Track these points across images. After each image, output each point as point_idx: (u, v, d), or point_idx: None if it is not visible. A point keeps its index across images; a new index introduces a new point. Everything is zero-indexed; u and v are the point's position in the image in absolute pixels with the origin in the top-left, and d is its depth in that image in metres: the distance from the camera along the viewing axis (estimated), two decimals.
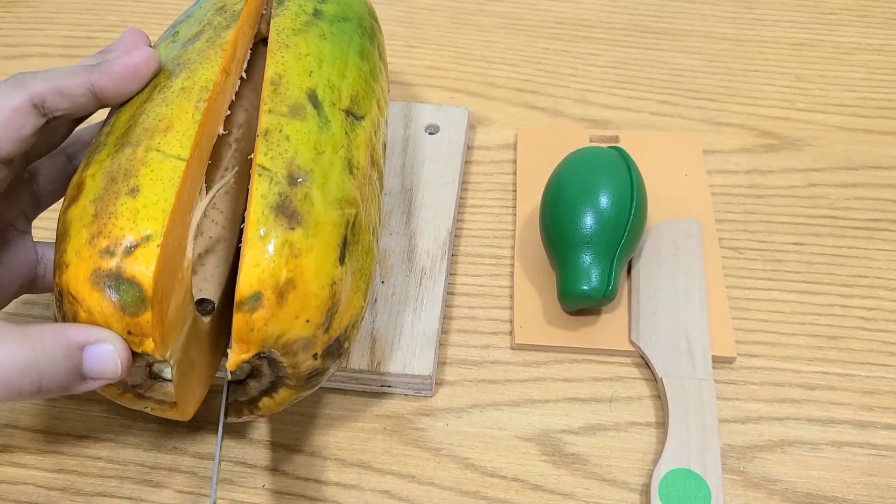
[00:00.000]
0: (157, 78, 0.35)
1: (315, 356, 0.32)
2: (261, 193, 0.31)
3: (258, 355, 0.31)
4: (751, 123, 0.53)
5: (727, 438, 0.38)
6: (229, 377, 0.32)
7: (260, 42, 0.46)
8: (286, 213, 0.31)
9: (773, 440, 0.38)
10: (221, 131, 0.35)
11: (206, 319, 0.35)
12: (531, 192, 0.47)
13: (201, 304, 0.36)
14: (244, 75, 0.38)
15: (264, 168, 0.31)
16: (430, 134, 0.49)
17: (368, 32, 0.42)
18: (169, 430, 0.38)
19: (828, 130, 0.52)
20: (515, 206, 0.47)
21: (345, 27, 0.40)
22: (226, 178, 0.36)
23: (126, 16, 0.62)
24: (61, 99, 0.32)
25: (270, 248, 0.30)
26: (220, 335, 0.37)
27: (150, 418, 0.39)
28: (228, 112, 0.36)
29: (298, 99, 0.35)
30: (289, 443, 0.38)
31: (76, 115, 0.34)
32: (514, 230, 0.46)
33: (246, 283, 0.29)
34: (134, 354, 0.29)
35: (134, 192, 0.30)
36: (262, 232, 0.30)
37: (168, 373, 0.30)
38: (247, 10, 0.39)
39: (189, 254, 0.31)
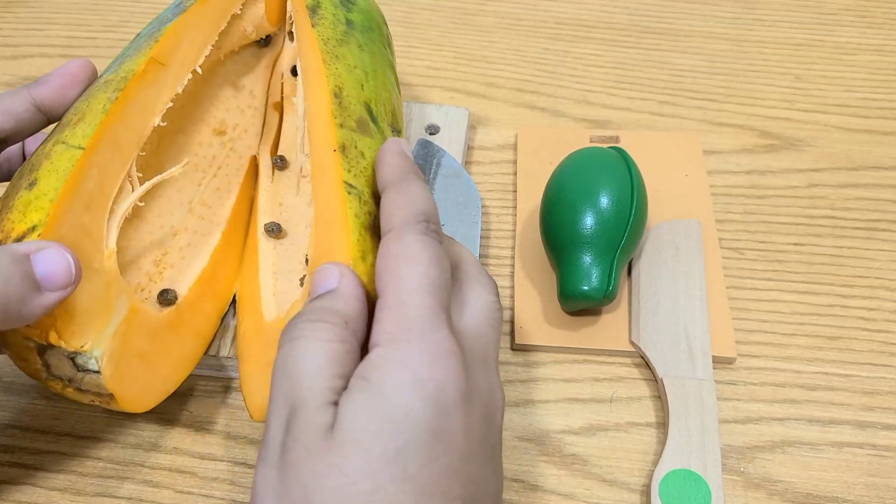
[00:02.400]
0: (98, 77, 0.36)
1: None
2: (354, 213, 0.30)
3: None
4: (751, 124, 0.53)
5: (727, 439, 0.38)
6: None
7: (253, 46, 0.45)
8: (378, 233, 0.30)
9: (773, 440, 0.38)
10: (160, 122, 0.35)
11: (167, 310, 0.35)
12: (531, 192, 0.47)
13: (163, 295, 0.36)
14: (198, 69, 0.38)
15: (352, 186, 0.31)
16: (431, 134, 0.49)
17: (388, 42, 0.42)
18: (169, 430, 0.38)
19: (828, 131, 0.52)
20: (515, 207, 0.47)
21: (373, 37, 0.40)
22: (172, 171, 0.36)
23: (125, 16, 0.62)
24: (7, 118, 0.33)
25: (372, 271, 0.29)
26: (199, 328, 0.37)
27: (150, 418, 0.39)
28: (170, 104, 0.36)
29: (361, 113, 0.34)
30: None
31: (22, 135, 0.34)
32: (514, 230, 0.46)
33: None
34: (49, 347, 0.29)
35: (32, 185, 0.30)
36: (362, 253, 0.30)
37: (93, 364, 0.30)
38: (200, 5, 0.38)
39: (110, 244, 0.31)
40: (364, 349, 0.27)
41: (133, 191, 0.34)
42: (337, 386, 0.25)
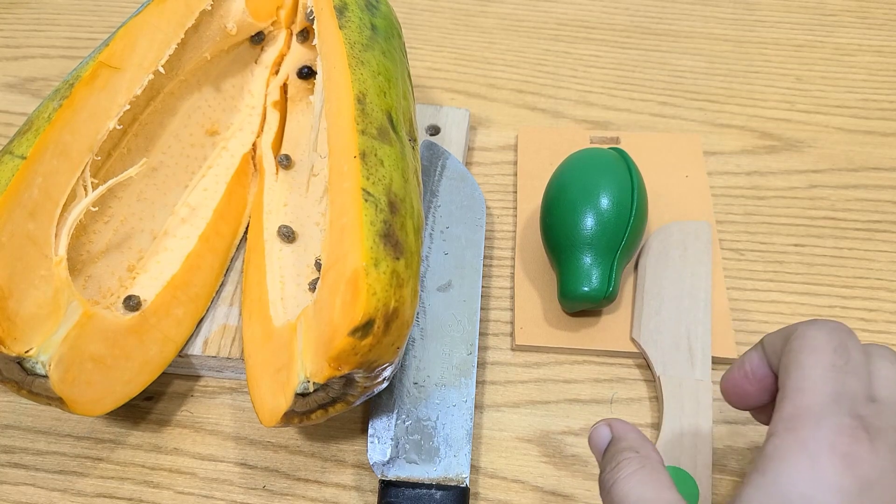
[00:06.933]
0: None
1: (385, 379, 0.33)
2: (370, 220, 0.31)
3: (345, 374, 0.31)
4: (751, 125, 0.53)
5: (723, 440, 0.38)
6: (301, 389, 0.32)
7: (246, 44, 0.45)
8: (391, 242, 0.31)
9: None
10: (115, 125, 0.35)
11: (131, 315, 0.35)
12: (532, 193, 0.47)
13: (128, 301, 0.37)
14: (161, 69, 0.38)
15: (369, 194, 0.31)
16: (431, 135, 0.49)
17: (405, 49, 0.42)
18: (169, 430, 0.38)
19: (828, 132, 0.52)
20: (516, 208, 0.47)
21: (394, 44, 0.40)
22: (128, 172, 0.36)
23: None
24: None
25: (384, 278, 0.30)
26: (168, 333, 0.37)
27: (151, 419, 0.39)
28: (128, 106, 0.36)
29: (382, 121, 0.34)
30: (289, 444, 0.38)
31: None
32: (514, 231, 0.46)
33: (363, 311, 0.29)
34: None
35: None
36: (375, 260, 0.30)
37: (40, 369, 0.31)
38: (156, 5, 0.38)
39: (59, 251, 0.32)
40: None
41: (86, 196, 0.34)
42: (669, 497, 0.26)
